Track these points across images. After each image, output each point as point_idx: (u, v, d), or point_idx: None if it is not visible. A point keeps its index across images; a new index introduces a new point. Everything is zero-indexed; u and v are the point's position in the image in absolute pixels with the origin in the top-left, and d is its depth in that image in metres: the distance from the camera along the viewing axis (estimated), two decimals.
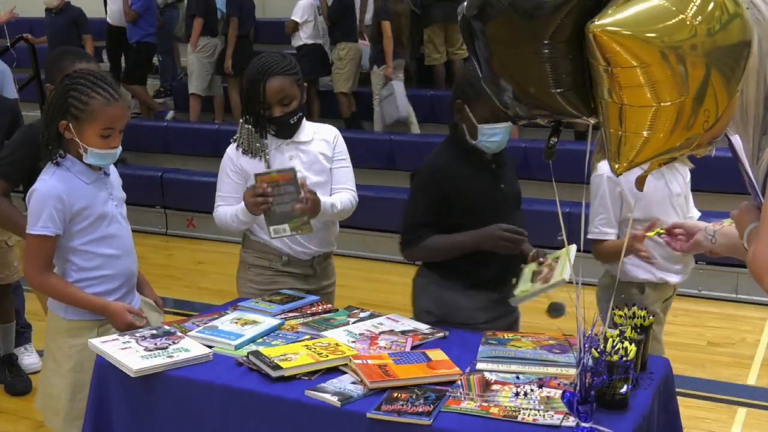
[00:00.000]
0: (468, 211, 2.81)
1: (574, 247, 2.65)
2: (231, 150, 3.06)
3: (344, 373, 2.28)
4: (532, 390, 2.11)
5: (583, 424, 1.93)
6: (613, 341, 2.06)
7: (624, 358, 2.02)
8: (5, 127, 3.68)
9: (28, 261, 2.65)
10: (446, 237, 2.81)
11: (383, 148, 7.18)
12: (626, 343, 2.06)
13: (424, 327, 2.65)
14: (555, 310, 2.65)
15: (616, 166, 1.57)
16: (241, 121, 3.04)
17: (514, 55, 1.60)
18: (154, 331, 2.56)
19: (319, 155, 3.06)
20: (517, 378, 2.20)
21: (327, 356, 2.32)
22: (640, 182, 1.91)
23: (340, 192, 3.07)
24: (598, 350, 1.99)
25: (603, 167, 2.94)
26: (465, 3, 1.68)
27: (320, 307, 2.82)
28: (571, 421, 1.96)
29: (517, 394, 2.10)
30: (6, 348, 4.23)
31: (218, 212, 3.07)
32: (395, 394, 2.13)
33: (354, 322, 2.66)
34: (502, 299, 2.82)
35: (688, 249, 2.46)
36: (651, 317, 2.32)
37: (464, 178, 2.82)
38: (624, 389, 2.04)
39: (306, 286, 3.07)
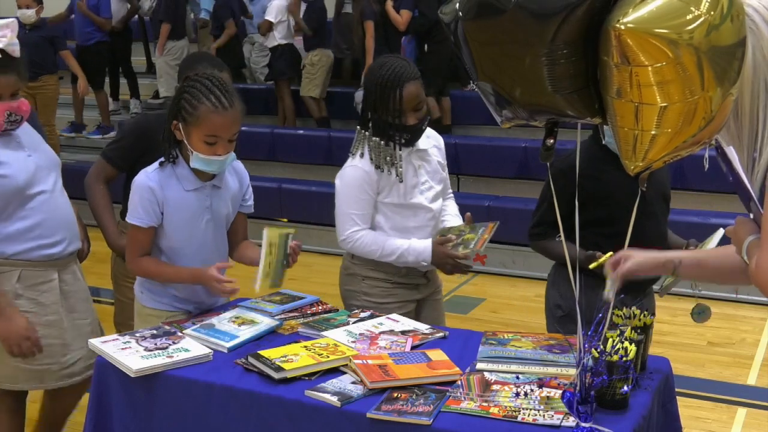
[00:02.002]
0: (606, 207, 2.78)
1: (721, 231, 2.61)
2: (365, 165, 2.86)
3: (344, 373, 2.28)
4: (532, 390, 2.11)
5: (583, 424, 1.93)
6: (613, 341, 2.06)
7: (624, 358, 2.02)
8: None
9: (127, 247, 2.73)
10: (562, 247, 2.83)
11: None
12: (626, 343, 2.06)
13: (424, 327, 2.65)
14: (700, 312, 2.64)
15: (632, 165, 1.56)
16: (365, 132, 2.88)
17: (515, 57, 1.59)
18: (154, 331, 2.56)
19: (437, 163, 3.02)
20: (517, 378, 2.20)
21: (327, 357, 2.32)
22: (642, 181, 1.91)
23: (449, 199, 3.14)
24: (598, 350, 1.99)
25: None
26: (455, 6, 1.65)
27: (320, 307, 2.82)
28: (571, 421, 1.96)
29: (517, 394, 2.10)
30: None
31: (365, 239, 2.88)
32: (395, 394, 2.13)
33: (354, 322, 2.66)
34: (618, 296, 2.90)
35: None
36: (651, 317, 2.32)
37: (599, 175, 2.78)
38: (624, 389, 2.04)
39: (418, 296, 3.05)
